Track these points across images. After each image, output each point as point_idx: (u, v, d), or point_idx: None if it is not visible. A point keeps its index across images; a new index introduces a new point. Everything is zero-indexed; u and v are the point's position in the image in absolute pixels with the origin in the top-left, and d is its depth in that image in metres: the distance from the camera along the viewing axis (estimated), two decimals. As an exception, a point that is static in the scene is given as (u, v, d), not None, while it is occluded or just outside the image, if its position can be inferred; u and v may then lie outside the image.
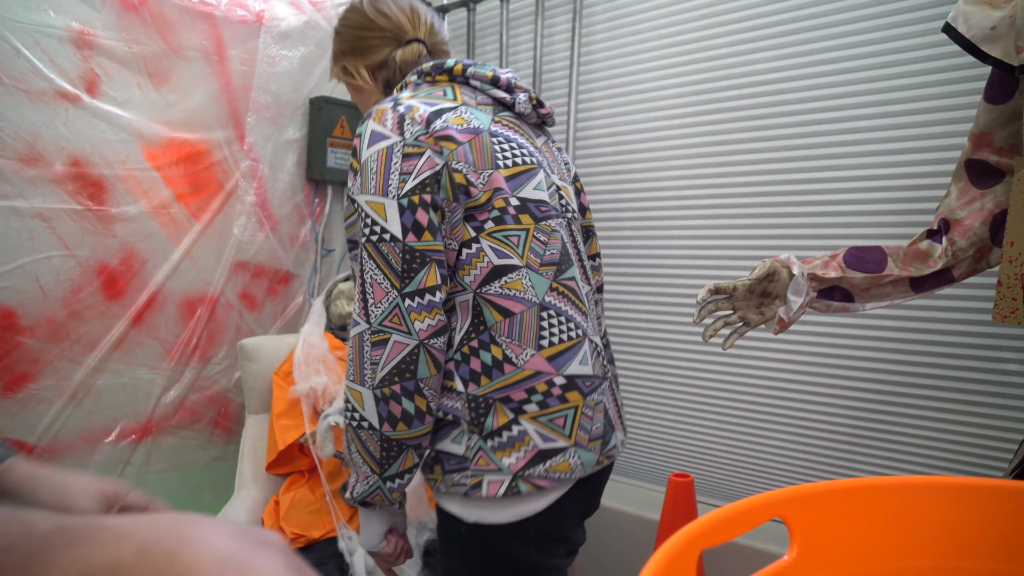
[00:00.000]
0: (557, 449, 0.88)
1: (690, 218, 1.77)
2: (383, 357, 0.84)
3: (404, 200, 0.84)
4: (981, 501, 0.48)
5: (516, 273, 0.87)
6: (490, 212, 0.87)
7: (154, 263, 1.69)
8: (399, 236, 0.83)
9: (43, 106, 1.47)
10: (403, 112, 0.87)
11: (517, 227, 0.88)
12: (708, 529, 0.42)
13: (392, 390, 0.84)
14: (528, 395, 0.87)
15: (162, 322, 1.72)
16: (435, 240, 0.84)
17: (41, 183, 1.48)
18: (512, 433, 0.87)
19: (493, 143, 0.89)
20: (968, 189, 0.99)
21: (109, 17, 1.55)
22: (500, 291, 0.87)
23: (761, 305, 1.06)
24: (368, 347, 0.84)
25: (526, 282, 0.88)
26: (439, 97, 0.91)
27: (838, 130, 1.52)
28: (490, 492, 0.86)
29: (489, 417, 0.87)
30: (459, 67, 0.96)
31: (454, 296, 0.88)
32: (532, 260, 0.89)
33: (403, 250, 0.83)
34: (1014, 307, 0.88)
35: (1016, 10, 0.87)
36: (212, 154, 1.78)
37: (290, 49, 1.91)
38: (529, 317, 0.88)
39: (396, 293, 0.84)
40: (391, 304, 0.84)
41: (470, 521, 0.89)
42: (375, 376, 0.84)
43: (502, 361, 0.87)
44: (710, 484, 1.80)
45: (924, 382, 1.45)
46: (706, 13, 1.70)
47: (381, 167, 0.84)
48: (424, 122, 0.86)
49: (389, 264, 0.84)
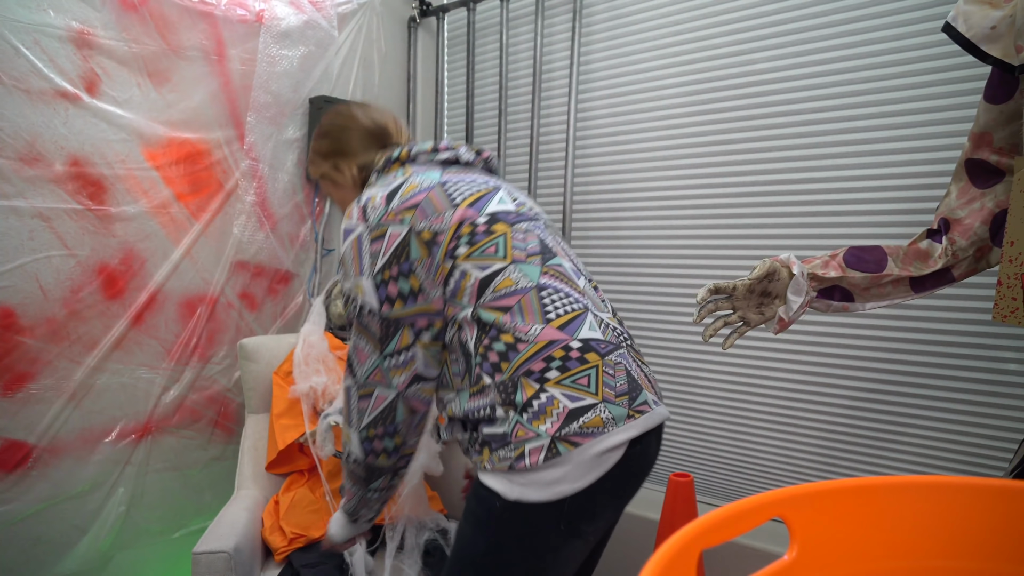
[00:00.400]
0: (587, 406, 0.93)
1: (690, 218, 1.77)
2: (368, 407, 1.03)
3: (378, 277, 0.99)
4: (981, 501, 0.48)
5: (503, 273, 0.97)
6: (460, 239, 0.98)
7: (154, 263, 1.69)
8: (376, 308, 0.99)
9: (43, 106, 1.47)
10: (364, 203, 1.02)
11: (491, 237, 0.99)
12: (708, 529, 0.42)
13: (376, 432, 1.04)
14: (547, 363, 0.94)
15: (162, 322, 1.72)
16: (406, 306, 0.99)
17: (41, 183, 1.48)
18: (541, 401, 0.93)
19: (447, 188, 1.02)
20: (968, 189, 0.99)
21: (109, 17, 1.55)
22: (493, 297, 0.97)
23: (761, 305, 1.06)
24: (356, 399, 1.04)
25: (516, 275, 0.97)
26: (391, 181, 1.05)
27: (838, 130, 1.52)
28: (532, 460, 0.91)
29: (518, 393, 0.94)
30: (404, 152, 1.12)
31: (457, 315, 0.99)
32: (517, 255, 0.99)
33: (381, 319, 0.99)
34: (1014, 307, 0.88)
35: (1016, 10, 0.87)
36: (212, 154, 1.78)
37: (290, 49, 1.91)
38: (528, 300, 0.96)
39: (378, 355, 1.01)
40: (373, 364, 1.01)
41: (511, 498, 0.93)
42: (361, 422, 1.04)
43: (514, 343, 0.95)
44: (710, 484, 1.80)
45: (924, 382, 1.45)
46: (705, 13, 1.70)
47: (355, 254, 1.00)
48: (383, 203, 1.00)
49: (372, 333, 1.00)
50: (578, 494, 0.93)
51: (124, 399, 1.66)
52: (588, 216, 1.96)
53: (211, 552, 1.30)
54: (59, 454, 1.56)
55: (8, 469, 1.48)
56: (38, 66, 1.45)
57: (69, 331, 1.55)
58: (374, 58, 2.18)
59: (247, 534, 1.40)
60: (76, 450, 1.59)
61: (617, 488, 0.98)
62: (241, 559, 1.32)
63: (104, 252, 1.60)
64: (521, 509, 0.93)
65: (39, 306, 1.50)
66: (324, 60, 1.99)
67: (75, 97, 1.51)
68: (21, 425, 1.49)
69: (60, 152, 1.50)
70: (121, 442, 1.67)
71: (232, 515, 1.47)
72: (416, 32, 2.30)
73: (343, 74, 2.07)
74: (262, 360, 1.76)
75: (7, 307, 1.45)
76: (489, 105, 2.19)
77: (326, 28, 1.98)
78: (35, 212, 1.48)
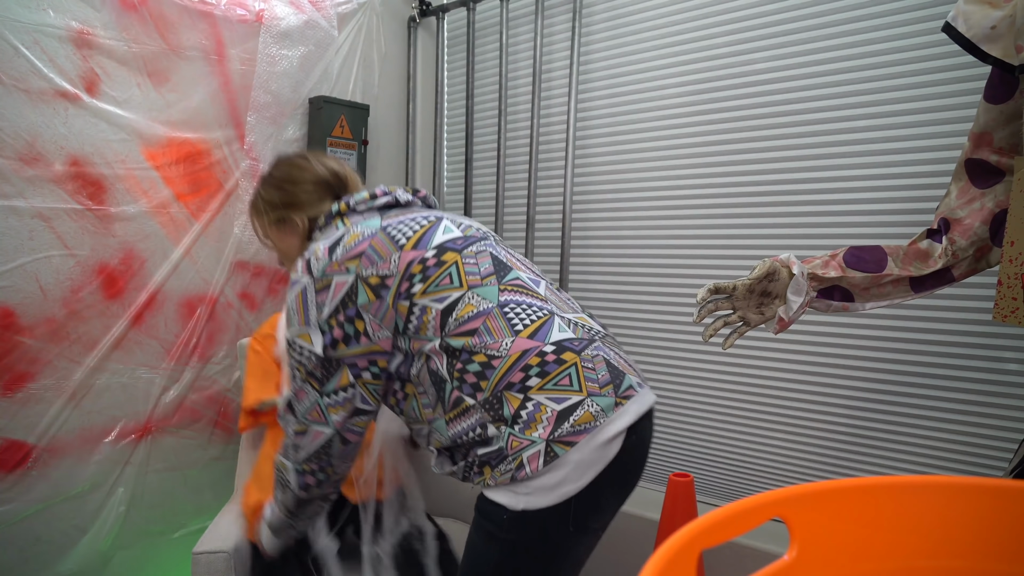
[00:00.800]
0: (574, 404, 0.94)
1: (690, 218, 1.77)
2: (304, 443, 1.07)
3: (324, 324, 1.01)
4: (981, 501, 0.48)
5: (462, 301, 0.99)
6: (412, 279, 1.00)
7: (154, 263, 1.69)
8: (320, 353, 1.02)
9: (43, 105, 1.47)
10: (308, 256, 1.04)
11: (443, 268, 1.01)
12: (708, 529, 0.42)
13: (311, 467, 1.10)
14: (526, 372, 0.95)
15: (162, 322, 1.72)
16: (348, 348, 1.01)
17: (41, 183, 1.48)
18: (529, 409, 0.94)
19: (389, 232, 1.04)
20: (968, 189, 0.99)
21: (109, 16, 1.55)
22: (456, 324, 0.98)
23: (761, 305, 1.06)
24: (293, 434, 1.08)
25: (475, 300, 0.99)
26: (332, 233, 1.08)
27: (838, 130, 1.52)
28: (532, 467, 0.93)
29: (504, 407, 0.95)
30: (343, 205, 1.13)
31: (423, 348, 1.00)
32: (472, 280, 1.01)
33: (322, 362, 1.02)
34: (1014, 307, 0.88)
35: (1016, 10, 0.87)
36: (212, 154, 1.78)
37: (290, 48, 1.91)
38: (494, 319, 0.98)
39: (317, 394, 1.04)
40: (312, 403, 1.05)
41: (518, 509, 0.95)
42: (298, 458, 1.09)
43: (488, 361, 0.96)
44: (710, 484, 1.80)
45: (924, 382, 1.45)
46: (705, 13, 1.70)
47: (300, 306, 1.03)
48: (326, 255, 1.02)
49: (313, 375, 1.03)
50: (582, 492, 0.94)
51: (124, 399, 1.66)
52: (588, 216, 1.96)
53: (211, 552, 1.30)
54: (59, 454, 1.56)
55: (8, 469, 1.48)
56: (38, 66, 1.45)
57: (69, 331, 1.55)
58: (374, 58, 2.18)
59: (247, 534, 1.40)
60: (76, 450, 1.59)
61: (619, 478, 0.99)
62: (241, 559, 1.33)
63: (104, 252, 1.60)
64: (529, 517, 0.95)
65: (39, 306, 1.50)
66: (324, 60, 1.99)
67: (75, 97, 1.51)
68: (21, 425, 1.49)
69: (60, 152, 1.50)
70: (121, 442, 1.67)
71: (232, 515, 1.46)
72: (416, 32, 2.30)
73: (343, 74, 2.07)
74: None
75: (7, 307, 1.45)
76: (489, 105, 2.19)
77: (326, 28, 1.98)
78: (35, 212, 1.48)
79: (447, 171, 2.37)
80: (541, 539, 0.98)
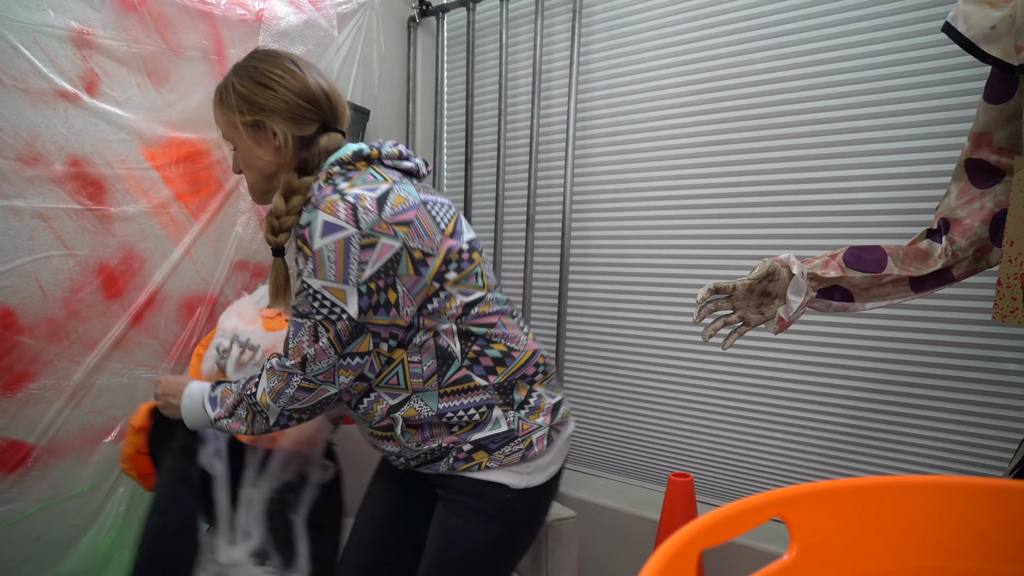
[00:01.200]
0: (560, 401, 1.16)
1: (690, 218, 1.77)
2: (306, 397, 1.04)
3: (363, 287, 0.97)
4: (981, 501, 0.48)
5: (482, 301, 1.08)
6: (449, 265, 1.04)
7: (154, 263, 1.69)
8: (355, 316, 0.98)
9: (42, 105, 1.47)
10: (353, 203, 0.96)
11: (473, 266, 1.07)
12: (708, 529, 0.42)
13: (300, 417, 1.08)
14: (536, 368, 1.13)
15: (162, 322, 1.72)
16: (377, 316, 1.00)
17: (40, 183, 1.48)
18: (533, 399, 1.11)
19: (431, 211, 1.04)
20: (968, 189, 0.99)
21: (108, 16, 1.55)
22: (475, 316, 1.07)
23: (761, 305, 1.06)
24: (295, 388, 1.03)
25: (492, 301, 1.09)
26: (372, 182, 1.01)
27: (838, 130, 1.52)
28: (539, 447, 1.09)
29: (514, 393, 1.10)
30: (375, 152, 1.07)
31: (437, 326, 1.05)
32: (490, 284, 1.11)
33: (354, 326, 0.99)
34: (1014, 307, 0.88)
35: (1016, 10, 0.87)
36: (212, 153, 1.78)
37: (289, 48, 1.91)
38: (508, 320, 1.11)
39: (336, 356, 1.01)
40: (328, 364, 1.01)
41: (520, 487, 1.08)
42: (290, 407, 1.05)
43: (508, 351, 1.09)
44: (710, 484, 1.80)
45: (924, 382, 1.45)
46: (705, 13, 1.70)
47: (340, 257, 0.95)
48: (375, 208, 0.96)
49: (340, 337, 0.99)
50: (559, 472, 1.16)
51: (124, 399, 1.66)
52: (588, 216, 1.96)
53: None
54: (59, 454, 1.56)
55: (8, 469, 1.48)
56: (38, 66, 1.45)
57: (69, 331, 1.55)
58: (374, 58, 2.17)
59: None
60: (76, 450, 1.59)
61: (564, 465, 1.20)
62: None
63: (104, 252, 1.60)
64: (529, 495, 1.09)
65: (39, 306, 1.50)
66: (323, 60, 1.99)
67: (75, 97, 1.51)
68: (21, 425, 1.49)
69: (60, 152, 1.50)
70: (121, 442, 1.67)
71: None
72: (416, 32, 2.30)
73: (342, 74, 2.07)
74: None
75: (7, 307, 1.45)
76: (489, 105, 2.19)
77: (325, 28, 1.98)
78: (35, 212, 1.48)
79: (447, 171, 2.37)
80: (534, 513, 1.16)
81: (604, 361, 1.97)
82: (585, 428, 2.04)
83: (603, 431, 2.00)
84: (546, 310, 2.07)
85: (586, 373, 2.01)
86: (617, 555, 1.84)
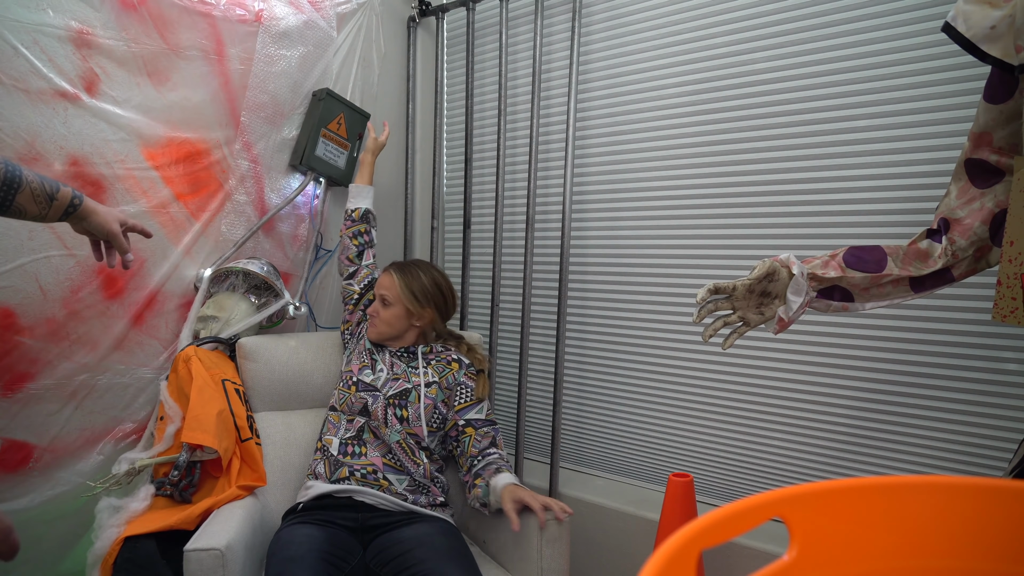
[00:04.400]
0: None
1: (689, 218, 1.77)
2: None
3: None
4: (981, 501, 0.48)
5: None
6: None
7: (153, 263, 1.69)
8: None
9: (42, 105, 1.47)
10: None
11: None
12: (708, 529, 0.42)
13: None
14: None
15: (162, 322, 1.72)
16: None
17: (40, 183, 1.48)
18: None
19: None
20: (968, 188, 0.99)
21: (108, 16, 1.55)
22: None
23: (761, 305, 1.06)
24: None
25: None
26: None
27: (838, 130, 1.52)
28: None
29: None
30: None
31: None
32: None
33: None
34: (1014, 307, 0.88)
35: (1016, 10, 0.87)
36: (211, 153, 1.78)
37: (288, 48, 1.91)
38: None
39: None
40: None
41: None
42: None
43: None
44: (710, 484, 1.80)
45: (924, 382, 1.45)
46: (705, 13, 1.70)
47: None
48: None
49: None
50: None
51: (125, 399, 1.66)
52: (588, 216, 1.96)
53: (202, 549, 1.28)
54: (60, 454, 1.56)
55: (9, 469, 1.48)
56: (37, 66, 1.45)
57: (69, 331, 1.55)
58: (373, 58, 2.17)
59: (241, 532, 1.39)
60: (76, 450, 1.59)
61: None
62: (233, 557, 1.32)
63: (104, 252, 1.59)
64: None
65: (39, 306, 1.50)
66: (323, 60, 1.99)
67: (74, 97, 1.51)
68: (21, 425, 1.49)
69: (59, 152, 1.50)
70: (122, 442, 1.67)
71: (226, 513, 1.46)
72: (415, 32, 2.30)
73: (342, 74, 2.07)
74: (261, 360, 1.76)
75: (7, 307, 1.45)
76: (489, 105, 2.19)
77: (325, 28, 1.98)
78: (35, 212, 1.48)
79: (447, 171, 2.37)
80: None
81: (604, 361, 1.97)
82: (585, 428, 2.04)
83: (603, 431, 2.00)
84: (546, 310, 2.07)
85: (586, 373, 2.01)
86: (617, 555, 1.84)
